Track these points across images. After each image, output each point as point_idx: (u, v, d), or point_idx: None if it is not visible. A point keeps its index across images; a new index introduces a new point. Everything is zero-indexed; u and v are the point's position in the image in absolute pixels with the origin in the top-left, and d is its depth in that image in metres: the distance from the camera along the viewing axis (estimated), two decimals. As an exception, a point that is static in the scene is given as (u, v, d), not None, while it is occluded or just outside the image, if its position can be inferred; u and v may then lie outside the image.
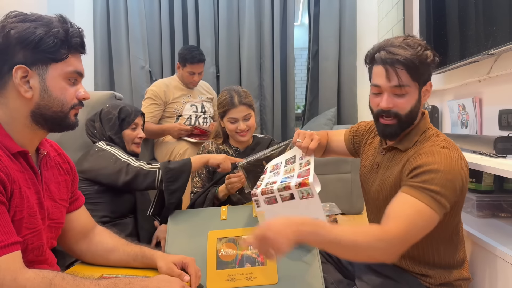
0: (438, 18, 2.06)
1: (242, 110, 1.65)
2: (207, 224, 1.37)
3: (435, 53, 1.08)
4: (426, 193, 0.95)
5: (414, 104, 1.06)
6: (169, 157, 2.50)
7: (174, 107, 2.63)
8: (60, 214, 0.99)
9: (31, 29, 0.81)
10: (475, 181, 1.49)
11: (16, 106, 0.83)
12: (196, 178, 1.70)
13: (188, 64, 2.57)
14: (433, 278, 1.10)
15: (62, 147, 2.47)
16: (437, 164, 0.97)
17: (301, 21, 5.86)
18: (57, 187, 0.99)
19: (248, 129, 1.68)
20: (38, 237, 0.88)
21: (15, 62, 0.80)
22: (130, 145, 1.67)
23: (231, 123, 1.67)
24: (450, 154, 1.00)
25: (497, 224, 1.35)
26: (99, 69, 3.51)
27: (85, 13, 3.54)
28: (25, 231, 0.84)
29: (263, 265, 1.26)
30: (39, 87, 0.83)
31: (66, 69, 0.86)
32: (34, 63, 0.82)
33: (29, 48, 0.81)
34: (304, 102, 3.67)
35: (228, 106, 1.66)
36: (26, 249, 0.85)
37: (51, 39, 0.82)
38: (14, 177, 0.80)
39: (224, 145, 1.76)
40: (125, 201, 1.60)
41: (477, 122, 1.82)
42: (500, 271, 1.10)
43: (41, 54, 0.82)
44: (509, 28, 1.43)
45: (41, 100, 0.84)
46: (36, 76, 0.83)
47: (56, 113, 0.86)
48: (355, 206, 2.85)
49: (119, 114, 1.64)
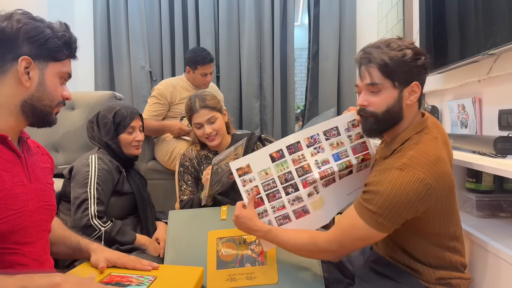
0: (438, 18, 2.06)
1: (204, 113, 1.63)
2: (207, 224, 1.37)
3: (421, 53, 1.08)
4: (364, 211, 1.01)
5: (392, 103, 1.06)
6: (169, 156, 2.51)
7: (179, 107, 2.63)
8: (50, 196, 1.02)
9: (41, 28, 0.90)
10: (475, 181, 1.49)
11: (10, 93, 0.89)
12: (184, 186, 1.68)
13: (200, 66, 2.56)
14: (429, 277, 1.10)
15: (63, 147, 2.48)
16: (382, 186, 0.99)
17: (301, 21, 5.87)
18: (42, 172, 1.03)
19: (215, 133, 1.65)
20: (23, 218, 0.90)
21: (21, 53, 0.88)
22: (129, 149, 1.64)
23: (197, 128, 1.65)
24: (400, 177, 0.98)
25: (497, 224, 1.35)
26: (99, 69, 3.51)
27: (85, 13, 3.54)
28: (7, 211, 0.86)
29: (263, 264, 1.26)
30: (37, 79, 0.91)
31: (62, 69, 0.95)
32: (37, 57, 0.90)
33: (36, 44, 0.89)
34: (304, 102, 3.67)
35: (190, 112, 1.66)
36: (12, 230, 0.87)
37: (55, 40, 0.92)
38: None
39: (203, 150, 1.73)
40: (125, 203, 1.60)
41: (477, 122, 1.82)
42: (500, 271, 1.10)
43: (45, 51, 0.91)
44: (509, 28, 1.43)
45: (36, 91, 0.91)
46: (36, 69, 0.91)
47: (45, 106, 0.93)
48: (355, 206, 2.84)
49: (114, 118, 1.60)
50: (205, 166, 1.68)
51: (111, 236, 1.43)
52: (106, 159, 1.56)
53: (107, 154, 1.59)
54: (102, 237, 1.42)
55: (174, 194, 2.43)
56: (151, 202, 1.73)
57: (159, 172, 2.67)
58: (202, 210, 1.46)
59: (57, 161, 2.32)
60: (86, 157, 1.56)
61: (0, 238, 0.85)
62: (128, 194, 1.60)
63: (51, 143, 2.34)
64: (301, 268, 1.24)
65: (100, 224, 1.43)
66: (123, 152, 1.63)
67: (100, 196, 1.47)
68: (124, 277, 1.00)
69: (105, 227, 1.44)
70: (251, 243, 1.32)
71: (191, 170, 1.70)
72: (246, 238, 1.33)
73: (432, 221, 1.05)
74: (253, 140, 1.71)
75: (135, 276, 1.01)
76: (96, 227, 1.42)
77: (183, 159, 1.72)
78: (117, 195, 1.56)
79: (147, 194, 1.72)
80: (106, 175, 1.52)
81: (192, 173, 1.70)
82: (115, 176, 1.56)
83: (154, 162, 2.71)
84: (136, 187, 1.64)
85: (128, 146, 1.63)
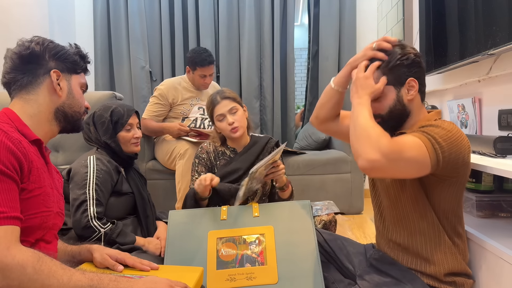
0: (437, 18, 2.06)
1: (225, 104, 1.68)
2: (207, 224, 1.37)
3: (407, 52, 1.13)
4: (425, 135, 1.03)
5: (393, 104, 1.15)
6: (169, 156, 2.51)
7: (181, 108, 2.63)
8: (63, 205, 1.09)
9: (61, 46, 1.07)
10: (475, 181, 1.49)
11: (46, 101, 1.03)
12: (196, 176, 1.70)
13: (199, 67, 2.56)
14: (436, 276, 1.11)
15: (63, 147, 2.48)
16: (441, 123, 1.05)
17: (301, 21, 5.87)
18: (58, 181, 1.11)
19: (238, 124, 1.67)
20: (50, 218, 0.98)
21: (50, 67, 1.03)
22: (128, 146, 1.64)
23: (219, 121, 1.69)
24: (454, 126, 1.06)
25: (496, 224, 1.35)
26: (99, 69, 3.51)
27: (85, 13, 3.55)
28: (43, 207, 0.94)
29: (263, 265, 1.26)
30: (67, 89, 1.07)
31: (81, 80, 1.12)
32: (63, 71, 1.06)
33: (60, 59, 1.06)
34: (304, 102, 3.67)
35: (212, 105, 1.70)
36: (40, 225, 0.94)
37: (73, 56, 1.09)
38: (31, 157, 0.92)
39: (222, 146, 1.76)
40: (125, 203, 1.59)
41: (477, 122, 1.83)
42: (500, 271, 1.10)
43: (68, 64, 1.07)
44: (509, 28, 1.43)
45: (67, 99, 1.06)
46: (64, 80, 1.06)
47: (75, 112, 1.08)
48: (355, 206, 2.85)
49: (111, 117, 1.60)
50: (220, 162, 1.72)
51: (112, 238, 1.43)
52: (105, 160, 1.56)
53: (106, 154, 1.59)
54: (102, 238, 1.42)
55: (174, 194, 2.43)
56: (151, 201, 1.72)
57: (159, 172, 2.68)
58: (202, 210, 1.46)
59: (57, 161, 2.32)
60: (84, 158, 1.56)
61: (29, 231, 0.91)
62: (127, 194, 1.60)
63: (51, 143, 2.34)
64: (301, 268, 1.25)
65: (100, 225, 1.43)
66: (123, 150, 1.62)
67: (99, 197, 1.47)
68: (125, 277, 1.00)
69: (105, 228, 1.43)
70: (251, 243, 1.32)
71: (206, 162, 1.72)
72: (246, 238, 1.33)
73: (452, 191, 1.10)
74: (270, 145, 1.77)
75: (136, 277, 1.01)
76: (96, 228, 1.42)
77: (200, 151, 1.74)
78: (116, 195, 1.56)
79: (146, 193, 1.71)
80: (105, 176, 1.52)
81: (207, 165, 1.71)
82: (113, 177, 1.56)
83: (154, 162, 2.71)
84: (135, 187, 1.63)
85: (128, 143, 1.63)
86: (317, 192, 2.79)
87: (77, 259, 1.14)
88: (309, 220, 1.35)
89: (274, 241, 1.30)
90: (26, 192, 0.89)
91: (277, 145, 1.79)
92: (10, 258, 0.78)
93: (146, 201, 1.67)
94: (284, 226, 1.34)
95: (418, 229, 1.14)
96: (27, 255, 0.81)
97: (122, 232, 1.47)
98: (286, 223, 1.35)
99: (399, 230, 1.18)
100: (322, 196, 2.78)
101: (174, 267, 1.22)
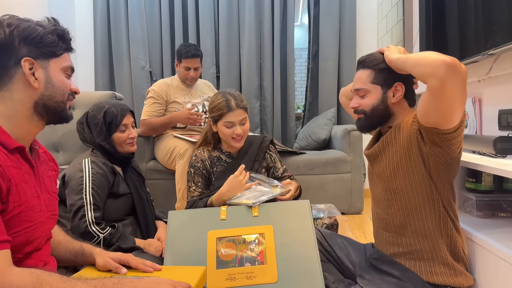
0: (437, 18, 2.06)
1: (239, 113, 1.61)
2: (207, 224, 1.37)
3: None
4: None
5: (376, 103, 1.23)
6: (169, 156, 2.51)
7: (175, 106, 2.63)
8: (54, 206, 1.03)
9: (32, 27, 0.89)
10: (475, 181, 1.49)
11: (21, 97, 0.89)
12: (193, 187, 1.66)
13: (183, 59, 2.57)
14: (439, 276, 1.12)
15: (63, 147, 2.48)
16: None
17: (301, 21, 5.87)
18: (49, 180, 1.03)
19: (244, 136, 1.65)
20: (37, 230, 0.91)
21: (21, 56, 0.88)
22: (123, 147, 1.60)
23: (227, 127, 1.62)
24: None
25: (496, 224, 1.35)
26: (100, 69, 3.51)
27: (85, 13, 3.55)
28: (25, 223, 0.87)
29: (263, 264, 1.26)
30: (44, 78, 0.91)
31: (63, 63, 0.95)
32: (38, 57, 0.90)
33: (32, 43, 0.89)
34: (304, 102, 3.67)
35: (224, 110, 1.60)
36: (26, 241, 0.88)
37: (49, 36, 0.91)
38: (9, 174, 0.83)
39: (216, 151, 1.72)
40: (123, 205, 1.58)
41: (477, 122, 1.83)
42: (500, 271, 1.10)
43: (43, 48, 0.90)
44: (509, 28, 1.43)
45: (46, 90, 0.91)
46: (40, 68, 0.90)
47: (57, 103, 0.94)
48: (355, 206, 2.85)
49: (104, 118, 1.54)
50: (217, 168, 1.68)
51: (112, 242, 1.42)
52: (100, 162, 1.52)
53: (101, 156, 1.55)
54: (101, 243, 1.41)
55: (174, 194, 2.43)
56: (150, 200, 1.71)
57: (159, 172, 2.68)
58: (202, 210, 1.46)
59: (57, 161, 2.32)
60: (78, 161, 1.52)
61: (16, 249, 0.86)
62: (125, 195, 1.58)
63: (51, 143, 2.35)
64: (301, 268, 1.24)
65: (98, 230, 1.42)
66: (118, 151, 1.59)
67: (96, 201, 1.45)
68: (127, 279, 1.00)
69: (104, 233, 1.42)
70: (250, 242, 1.32)
71: (202, 171, 1.67)
72: (246, 238, 1.33)
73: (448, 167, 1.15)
74: (265, 144, 1.74)
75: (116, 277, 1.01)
76: (95, 234, 1.41)
77: (195, 160, 1.69)
78: (113, 197, 1.53)
79: (145, 192, 1.69)
80: (101, 179, 1.48)
81: (203, 174, 1.67)
82: (110, 179, 1.52)
83: (154, 162, 2.71)
84: (133, 187, 1.61)
85: (123, 144, 1.59)
86: (317, 192, 2.79)
87: (79, 260, 1.11)
88: (308, 219, 1.35)
89: (274, 240, 1.30)
90: (6, 213, 0.82)
91: (272, 143, 1.79)
92: (8, 285, 0.74)
93: (144, 200, 1.65)
94: (283, 226, 1.34)
95: (414, 205, 1.18)
96: (25, 277, 0.77)
97: (122, 236, 1.45)
98: (285, 222, 1.35)
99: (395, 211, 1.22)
100: (322, 196, 2.78)
101: (176, 267, 1.22)
